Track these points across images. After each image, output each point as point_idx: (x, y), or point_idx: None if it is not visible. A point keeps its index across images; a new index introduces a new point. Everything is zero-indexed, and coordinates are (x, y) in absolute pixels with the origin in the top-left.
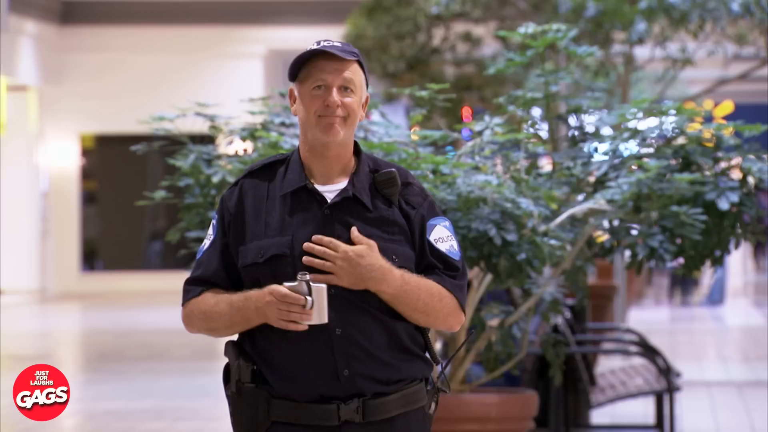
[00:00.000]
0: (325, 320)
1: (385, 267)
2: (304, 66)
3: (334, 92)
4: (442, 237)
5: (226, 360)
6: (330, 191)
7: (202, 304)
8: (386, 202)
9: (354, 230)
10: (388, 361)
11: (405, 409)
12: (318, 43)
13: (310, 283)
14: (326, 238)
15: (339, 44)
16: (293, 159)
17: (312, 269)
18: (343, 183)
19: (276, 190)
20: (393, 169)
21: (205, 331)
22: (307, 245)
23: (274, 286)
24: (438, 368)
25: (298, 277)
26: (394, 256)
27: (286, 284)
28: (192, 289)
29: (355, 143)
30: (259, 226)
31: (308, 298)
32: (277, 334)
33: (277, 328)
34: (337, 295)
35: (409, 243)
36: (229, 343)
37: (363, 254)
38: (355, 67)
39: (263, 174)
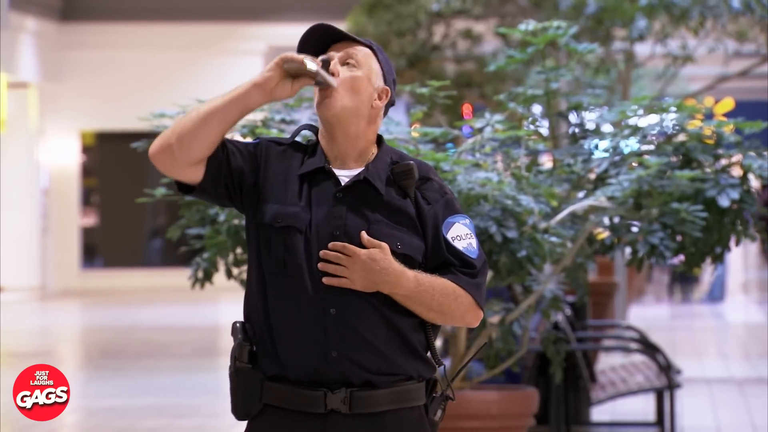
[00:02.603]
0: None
1: (398, 270)
2: (314, 42)
3: (335, 61)
4: (460, 235)
5: (226, 358)
6: (346, 176)
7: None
8: (401, 193)
9: (364, 234)
10: (382, 352)
11: (396, 405)
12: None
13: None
14: (339, 243)
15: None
16: (318, 144)
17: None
18: (360, 169)
19: (297, 168)
20: (411, 162)
21: (181, 136)
22: (323, 252)
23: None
24: (441, 372)
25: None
26: (398, 244)
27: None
28: None
29: (380, 136)
30: (282, 192)
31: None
32: (273, 308)
33: (274, 301)
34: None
35: (418, 235)
36: (236, 323)
37: (376, 258)
38: (366, 50)
39: (292, 148)
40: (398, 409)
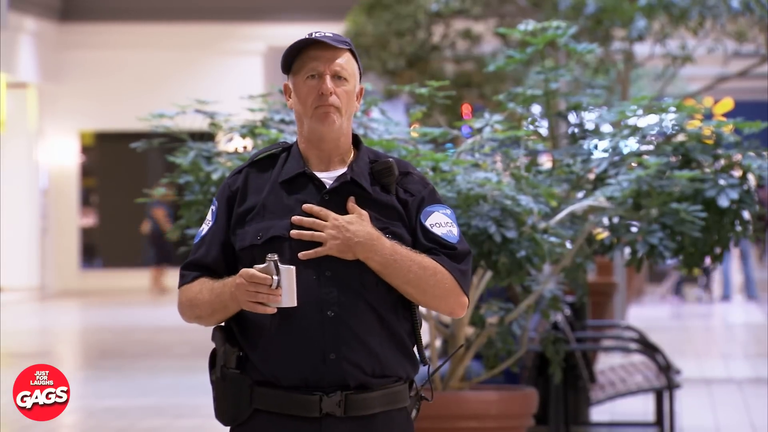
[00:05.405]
0: (294, 303)
1: (373, 234)
2: (297, 57)
3: (328, 80)
4: (440, 222)
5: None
6: (329, 178)
7: (190, 292)
8: (384, 190)
9: (350, 201)
10: (377, 352)
11: (387, 407)
12: (310, 34)
13: (278, 264)
14: (317, 207)
15: (330, 34)
16: (293, 150)
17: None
18: (341, 170)
19: (276, 178)
20: (390, 159)
21: (194, 320)
22: (296, 218)
23: (244, 269)
24: (423, 373)
25: (267, 257)
26: (391, 239)
27: (256, 266)
28: (186, 274)
29: (356, 136)
30: (259, 210)
31: (274, 277)
32: (266, 316)
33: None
34: (332, 277)
35: (407, 228)
36: (216, 329)
37: (351, 221)
38: (348, 55)
39: (266, 163)
40: (389, 411)
